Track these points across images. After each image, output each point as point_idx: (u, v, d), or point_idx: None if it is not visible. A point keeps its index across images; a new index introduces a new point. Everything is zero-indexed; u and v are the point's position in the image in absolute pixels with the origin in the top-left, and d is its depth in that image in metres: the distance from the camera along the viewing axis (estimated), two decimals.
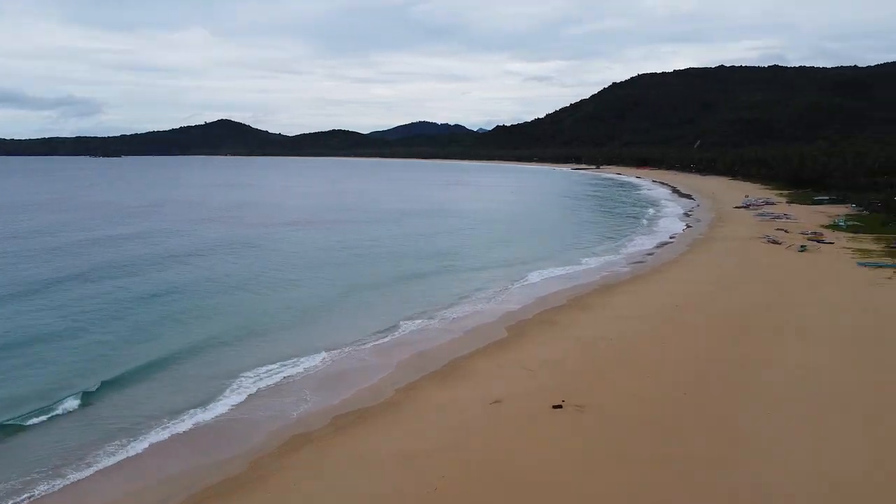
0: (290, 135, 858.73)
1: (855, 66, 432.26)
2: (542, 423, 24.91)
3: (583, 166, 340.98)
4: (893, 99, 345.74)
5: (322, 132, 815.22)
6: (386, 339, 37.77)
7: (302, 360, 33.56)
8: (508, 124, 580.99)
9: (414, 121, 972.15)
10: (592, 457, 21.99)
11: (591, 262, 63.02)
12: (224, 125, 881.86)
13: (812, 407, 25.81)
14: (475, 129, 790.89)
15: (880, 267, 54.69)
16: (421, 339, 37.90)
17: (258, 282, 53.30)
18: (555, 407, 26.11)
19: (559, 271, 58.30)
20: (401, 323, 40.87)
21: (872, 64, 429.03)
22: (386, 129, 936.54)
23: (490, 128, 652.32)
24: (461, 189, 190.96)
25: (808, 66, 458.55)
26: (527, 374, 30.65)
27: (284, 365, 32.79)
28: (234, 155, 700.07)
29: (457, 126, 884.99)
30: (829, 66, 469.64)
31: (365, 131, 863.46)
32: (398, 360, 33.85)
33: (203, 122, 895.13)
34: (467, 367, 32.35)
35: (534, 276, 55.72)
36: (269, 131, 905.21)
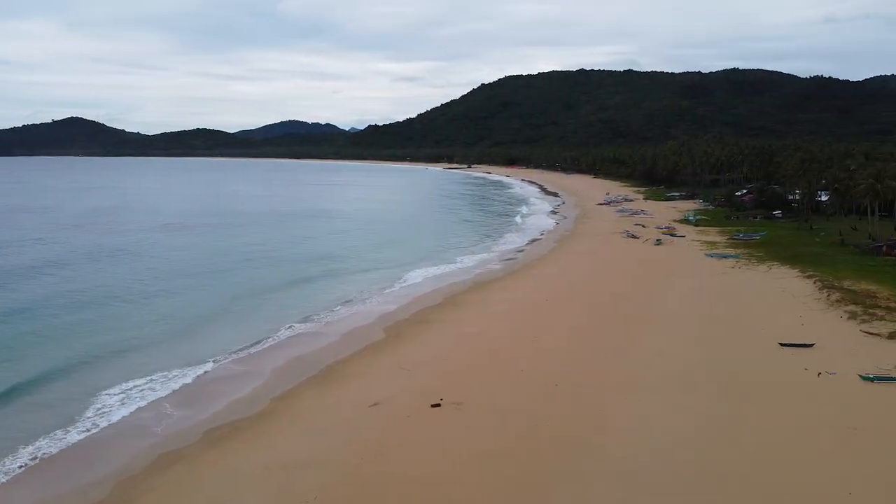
0: (150, 134, 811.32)
1: (699, 72, 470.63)
2: (422, 422, 25.27)
3: (455, 165, 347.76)
4: (731, 103, 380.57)
5: (185, 131, 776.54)
6: (261, 347, 36.82)
7: (172, 373, 32.04)
8: (381, 124, 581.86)
9: (283, 119, 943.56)
10: (472, 453, 22.56)
11: (467, 261, 64.55)
12: (75, 123, 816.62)
13: (668, 389, 27.91)
14: (347, 129, 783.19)
15: (724, 258, 60.16)
16: (297, 344, 37.28)
17: (129, 292, 50.25)
18: (433, 406, 26.57)
19: (436, 270, 59.31)
20: (277, 329, 39.96)
21: (713, 70, 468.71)
22: (254, 128, 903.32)
23: (362, 127, 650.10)
24: (339, 190, 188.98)
25: (658, 71, 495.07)
26: (405, 374, 30.94)
27: (153, 380, 31.18)
28: (88, 155, 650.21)
29: (328, 125, 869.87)
30: (676, 71, 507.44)
31: (231, 130, 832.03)
32: (273, 367, 33.08)
33: (50, 120, 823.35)
34: (345, 371, 32.20)
35: (411, 277, 56.36)
36: (126, 130, 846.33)
